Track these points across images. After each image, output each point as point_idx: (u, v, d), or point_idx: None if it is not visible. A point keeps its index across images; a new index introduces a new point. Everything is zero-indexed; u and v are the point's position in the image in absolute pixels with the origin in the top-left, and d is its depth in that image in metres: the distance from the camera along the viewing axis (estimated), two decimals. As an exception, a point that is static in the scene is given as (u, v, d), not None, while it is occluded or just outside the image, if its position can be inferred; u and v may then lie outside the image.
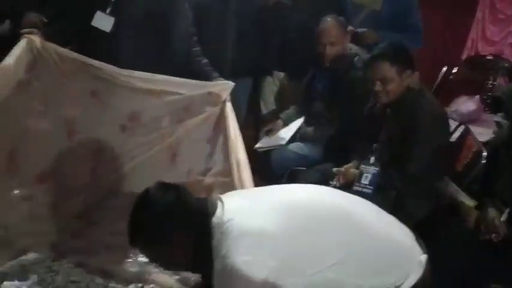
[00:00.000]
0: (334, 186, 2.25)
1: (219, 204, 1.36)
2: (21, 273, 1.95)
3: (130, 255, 2.06)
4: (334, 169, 2.33)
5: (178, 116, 2.29)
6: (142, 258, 1.97)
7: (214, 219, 1.32)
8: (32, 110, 2.10)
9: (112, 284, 1.96)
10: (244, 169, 2.00)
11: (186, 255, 1.35)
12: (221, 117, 2.26)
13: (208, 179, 2.33)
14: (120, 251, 2.06)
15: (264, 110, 3.35)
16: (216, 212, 1.33)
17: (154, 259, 1.48)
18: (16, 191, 2.10)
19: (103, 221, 2.24)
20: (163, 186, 1.39)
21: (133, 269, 2.02)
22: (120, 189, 2.32)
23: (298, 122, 2.81)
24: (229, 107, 2.25)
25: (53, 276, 1.96)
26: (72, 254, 2.08)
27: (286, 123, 2.85)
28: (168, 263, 1.47)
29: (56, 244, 2.12)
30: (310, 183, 2.42)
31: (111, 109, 2.22)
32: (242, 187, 1.92)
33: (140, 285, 1.94)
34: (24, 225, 2.08)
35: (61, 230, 2.16)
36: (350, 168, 2.30)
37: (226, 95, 2.27)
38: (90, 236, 2.18)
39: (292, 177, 2.52)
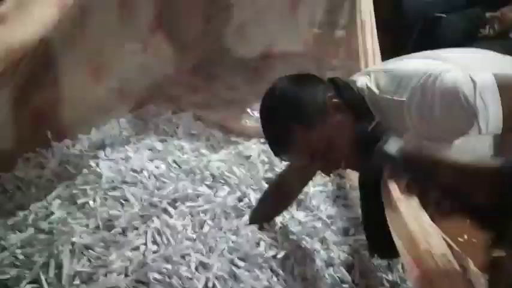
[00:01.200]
0: (486, 36, 1.89)
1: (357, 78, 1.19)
2: (141, 126, 1.94)
3: (248, 110, 1.97)
4: (488, 14, 1.94)
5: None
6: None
7: (358, 84, 1.15)
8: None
9: (233, 138, 1.91)
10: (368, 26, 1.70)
11: (345, 138, 1.13)
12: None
13: (336, 33, 2.07)
14: (237, 106, 1.98)
15: None
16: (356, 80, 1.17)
17: (307, 158, 1.18)
18: (128, 43, 2.01)
19: (220, 76, 2.14)
20: (294, 77, 1.19)
21: (251, 124, 1.93)
22: (236, 42, 2.15)
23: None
24: None
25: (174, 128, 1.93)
26: (191, 107, 2.02)
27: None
28: (324, 158, 1.17)
29: (174, 98, 2.06)
30: (454, 31, 2.10)
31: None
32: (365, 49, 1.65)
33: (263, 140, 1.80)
34: (139, 78, 2.01)
35: (178, 83, 2.09)
36: (508, 12, 1.89)
37: None
38: (207, 91, 2.10)
39: (430, 26, 2.15)
